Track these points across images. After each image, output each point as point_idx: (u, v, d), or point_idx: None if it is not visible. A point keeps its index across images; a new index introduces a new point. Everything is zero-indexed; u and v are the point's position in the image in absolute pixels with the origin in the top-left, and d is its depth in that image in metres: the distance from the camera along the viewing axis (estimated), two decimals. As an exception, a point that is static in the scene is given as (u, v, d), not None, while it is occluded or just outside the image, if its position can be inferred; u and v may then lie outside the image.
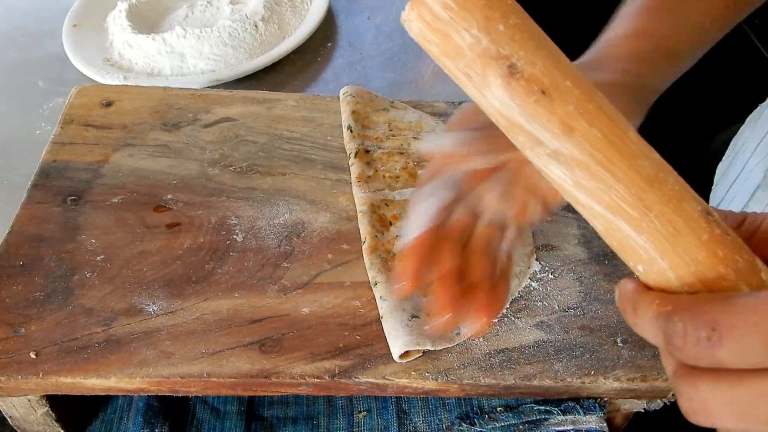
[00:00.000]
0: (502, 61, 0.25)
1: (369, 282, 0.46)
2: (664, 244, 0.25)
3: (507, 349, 0.43)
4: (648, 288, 0.26)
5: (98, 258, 0.45)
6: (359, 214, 0.49)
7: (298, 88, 0.72)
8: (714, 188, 0.66)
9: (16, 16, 0.86)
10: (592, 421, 0.43)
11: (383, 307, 0.44)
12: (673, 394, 0.44)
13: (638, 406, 0.45)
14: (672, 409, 0.45)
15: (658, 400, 0.45)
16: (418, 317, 0.43)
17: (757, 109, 0.64)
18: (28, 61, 0.78)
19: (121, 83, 0.68)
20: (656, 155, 0.26)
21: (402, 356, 0.41)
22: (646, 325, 0.25)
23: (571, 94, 0.25)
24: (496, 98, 0.26)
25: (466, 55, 0.26)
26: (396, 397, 0.47)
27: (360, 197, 0.50)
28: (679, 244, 0.25)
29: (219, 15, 0.78)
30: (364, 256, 0.47)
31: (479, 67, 0.25)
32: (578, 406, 0.44)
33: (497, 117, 0.26)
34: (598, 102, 0.26)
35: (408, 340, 0.41)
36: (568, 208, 0.53)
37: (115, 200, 0.49)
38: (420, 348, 0.41)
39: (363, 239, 0.48)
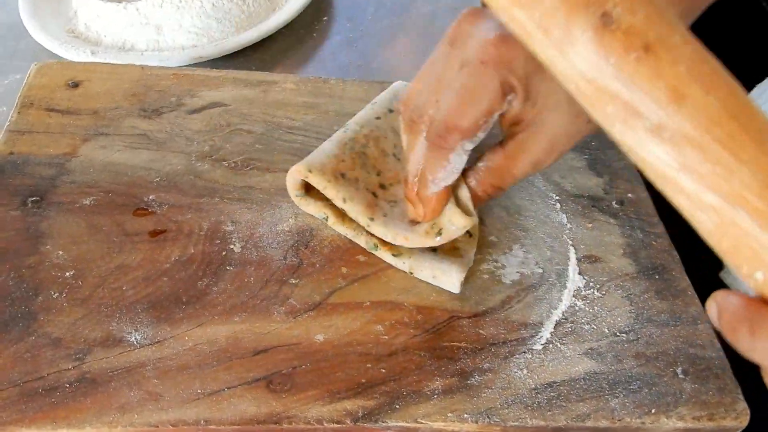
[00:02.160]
0: (593, 8, 0.20)
1: (393, 302, 0.39)
2: None
3: (555, 382, 0.37)
4: None
5: (67, 274, 0.38)
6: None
7: (291, 68, 0.64)
8: None
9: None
10: (652, 465, 0.37)
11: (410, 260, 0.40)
12: None
13: (699, 444, 0.40)
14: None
15: (721, 438, 0.39)
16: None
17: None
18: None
19: (89, 60, 0.59)
20: None
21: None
22: None
23: (681, 53, 0.20)
24: (581, 57, 0.21)
25: (544, 1, 0.21)
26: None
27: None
28: None
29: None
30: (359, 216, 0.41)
31: (562, 17, 0.21)
32: (635, 448, 0.38)
33: (579, 84, 0.21)
34: (713, 64, 0.21)
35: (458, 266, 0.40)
36: (610, 212, 0.47)
37: (87, 202, 0.41)
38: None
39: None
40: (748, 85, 0.61)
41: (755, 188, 0.20)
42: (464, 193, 0.40)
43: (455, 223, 0.39)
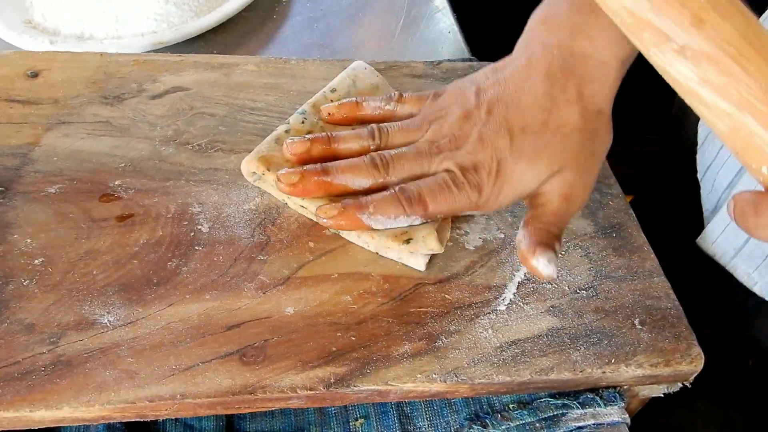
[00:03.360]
0: None
1: (360, 273, 0.40)
2: None
3: (519, 340, 0.39)
4: None
5: (36, 261, 0.38)
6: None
7: (254, 50, 0.64)
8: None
9: None
10: (614, 413, 0.39)
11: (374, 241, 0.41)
12: (693, 377, 0.41)
13: (658, 391, 0.42)
14: (686, 391, 0.42)
15: (679, 384, 0.41)
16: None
17: None
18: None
19: (47, 49, 0.59)
20: None
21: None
22: None
23: None
24: None
25: None
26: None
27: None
28: None
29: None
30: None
31: None
32: (597, 398, 0.40)
33: (624, 16, 0.26)
34: None
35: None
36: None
37: (52, 190, 0.42)
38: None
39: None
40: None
41: (760, 95, 0.24)
42: (446, 229, 0.42)
43: (427, 244, 0.40)
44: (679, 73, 0.25)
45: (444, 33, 0.66)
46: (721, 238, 0.53)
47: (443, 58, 0.60)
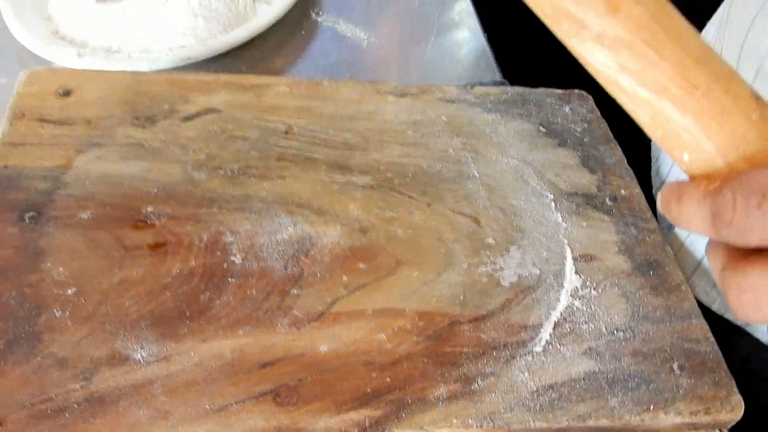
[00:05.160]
0: None
1: (394, 309, 0.40)
2: (712, 124, 0.24)
3: (556, 384, 0.38)
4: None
5: (69, 291, 0.38)
6: None
7: (281, 66, 0.63)
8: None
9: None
10: (651, 460, 0.39)
11: None
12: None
13: (695, 437, 0.41)
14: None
15: (716, 431, 0.40)
16: None
17: None
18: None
19: (75, 63, 0.59)
20: (702, 39, 0.25)
21: None
22: (693, 209, 0.24)
23: None
24: None
25: None
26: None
27: None
28: (727, 122, 0.24)
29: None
30: None
31: None
32: (634, 445, 0.39)
33: (544, 5, 0.26)
34: None
35: None
36: (604, 209, 0.48)
37: (84, 216, 0.41)
38: None
39: None
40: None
41: (675, 79, 0.24)
42: None
43: None
44: (599, 61, 0.25)
45: (475, 53, 0.65)
46: (679, 255, 0.52)
47: (474, 81, 0.59)
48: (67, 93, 0.47)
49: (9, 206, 0.41)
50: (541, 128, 0.52)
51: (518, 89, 0.56)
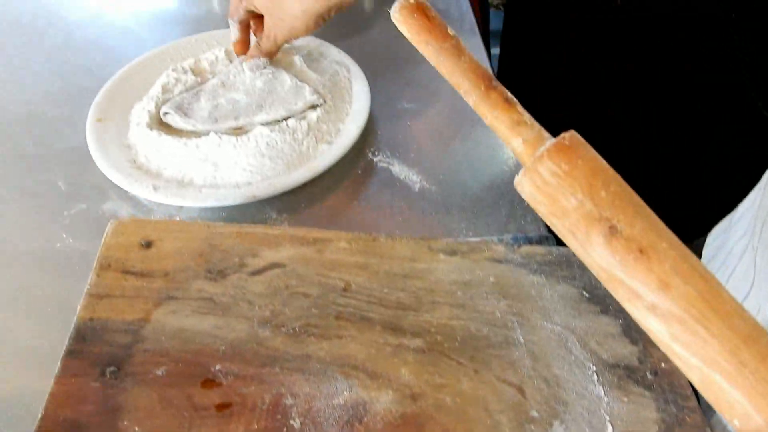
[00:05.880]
0: (603, 222, 0.29)
1: (442, 487, 0.42)
2: (760, 401, 0.26)
3: None
4: None
5: (143, 452, 0.41)
6: None
7: (337, 205, 0.68)
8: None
9: (33, 98, 0.82)
10: None
11: None
12: None
13: None
14: None
15: None
16: None
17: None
18: (47, 156, 0.73)
19: (151, 195, 0.64)
20: (749, 315, 0.27)
21: None
22: None
23: (667, 255, 0.28)
24: (598, 254, 0.29)
25: (571, 215, 0.30)
26: None
27: None
28: None
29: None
30: None
31: (583, 227, 0.29)
32: None
33: (599, 271, 0.29)
34: (692, 263, 0.28)
35: None
36: (644, 384, 0.49)
37: (159, 372, 0.45)
38: None
39: None
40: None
41: (724, 355, 0.26)
42: None
43: None
44: (653, 327, 0.28)
45: (520, 205, 0.68)
46: None
47: (517, 230, 0.62)
48: (148, 244, 0.52)
49: (93, 360, 0.45)
50: (585, 293, 0.55)
51: (563, 249, 0.59)
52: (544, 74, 1.36)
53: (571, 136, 0.31)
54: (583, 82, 1.27)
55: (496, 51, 1.64)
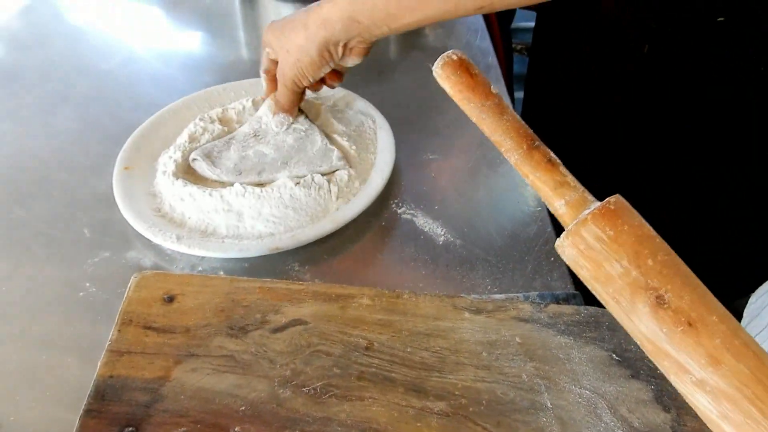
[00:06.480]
0: (650, 291, 0.28)
1: None
2: None
3: None
4: None
5: None
6: None
7: (360, 258, 0.67)
8: None
9: (63, 146, 0.83)
10: None
11: None
12: None
13: None
14: None
15: None
16: None
17: None
18: (72, 203, 0.74)
19: (174, 245, 0.64)
20: None
21: None
22: None
23: (717, 329, 0.27)
24: (643, 324, 0.28)
25: (615, 282, 0.29)
26: None
27: None
28: None
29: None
30: None
31: (628, 295, 0.29)
32: None
33: (643, 341, 0.28)
34: (744, 338, 0.27)
35: None
36: (678, 456, 0.47)
37: (177, 434, 0.44)
38: None
39: None
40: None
41: None
42: None
43: None
44: (700, 402, 0.27)
45: (546, 257, 0.67)
46: None
47: (543, 287, 0.61)
48: (171, 299, 0.52)
49: (110, 419, 0.44)
50: (614, 356, 0.53)
51: (591, 309, 0.57)
52: (567, 119, 1.36)
53: (616, 200, 0.30)
54: (608, 128, 1.26)
55: (519, 95, 1.66)
